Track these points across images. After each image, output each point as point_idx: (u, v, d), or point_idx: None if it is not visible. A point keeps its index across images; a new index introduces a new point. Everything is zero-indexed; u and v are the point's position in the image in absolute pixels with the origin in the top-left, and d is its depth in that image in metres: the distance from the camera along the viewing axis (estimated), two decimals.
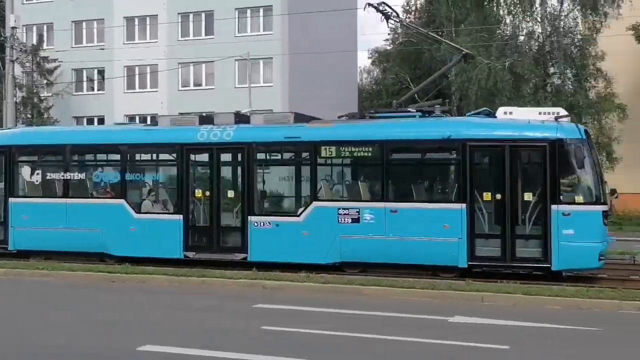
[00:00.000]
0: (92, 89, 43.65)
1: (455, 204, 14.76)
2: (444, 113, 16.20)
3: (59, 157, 18.34)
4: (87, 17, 42.45)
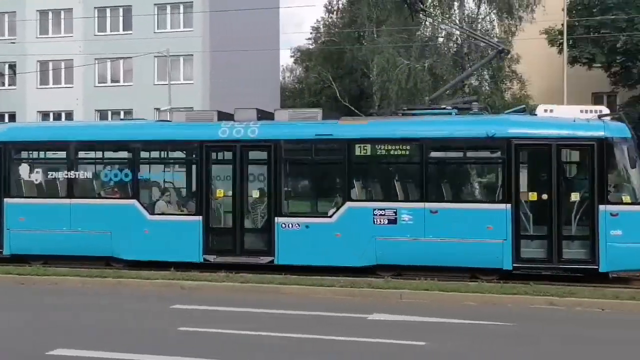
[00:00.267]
0: (3, 84, 42.04)
1: (500, 204, 14.34)
2: (481, 110, 15.95)
3: (62, 155, 16.92)
4: None
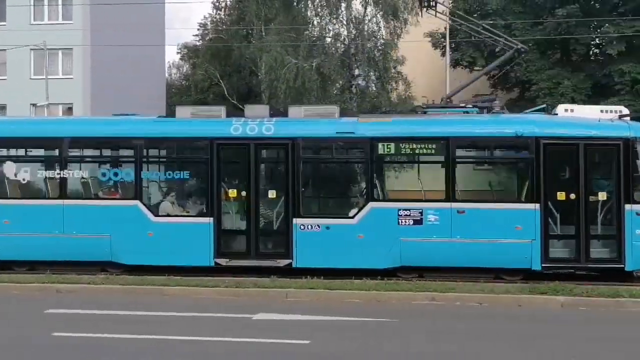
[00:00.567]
0: None
1: (529, 204, 14.19)
2: (502, 110, 15.83)
3: (54, 152, 15.59)
4: None
